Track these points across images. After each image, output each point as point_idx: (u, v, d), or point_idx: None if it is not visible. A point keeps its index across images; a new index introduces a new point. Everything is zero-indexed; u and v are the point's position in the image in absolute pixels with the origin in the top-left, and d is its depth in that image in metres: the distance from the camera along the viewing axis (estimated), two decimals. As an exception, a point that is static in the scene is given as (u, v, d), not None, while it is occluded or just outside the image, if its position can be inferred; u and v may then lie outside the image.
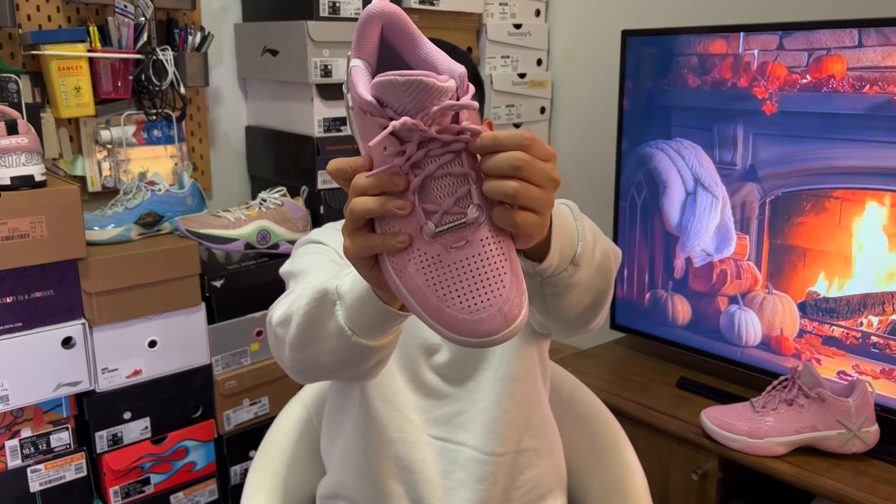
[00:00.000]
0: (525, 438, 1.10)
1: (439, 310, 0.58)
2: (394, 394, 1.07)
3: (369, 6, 0.61)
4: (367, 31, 0.61)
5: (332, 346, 0.77)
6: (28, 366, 1.38)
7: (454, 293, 0.58)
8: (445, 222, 0.58)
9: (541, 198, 0.58)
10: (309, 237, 1.12)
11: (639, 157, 1.80)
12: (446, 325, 0.58)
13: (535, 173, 0.58)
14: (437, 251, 0.59)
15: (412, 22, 0.62)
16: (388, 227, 0.60)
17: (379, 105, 0.57)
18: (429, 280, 0.59)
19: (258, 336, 1.66)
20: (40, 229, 1.34)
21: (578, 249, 0.77)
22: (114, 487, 1.52)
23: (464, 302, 0.58)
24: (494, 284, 0.58)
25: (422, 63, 0.62)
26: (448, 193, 0.59)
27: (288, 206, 1.70)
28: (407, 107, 0.57)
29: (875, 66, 1.40)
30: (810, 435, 1.42)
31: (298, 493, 1.25)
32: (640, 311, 1.86)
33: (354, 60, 0.61)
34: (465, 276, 0.58)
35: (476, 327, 0.57)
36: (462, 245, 0.58)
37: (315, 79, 1.69)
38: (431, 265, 0.59)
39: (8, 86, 1.46)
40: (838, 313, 1.52)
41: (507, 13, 2.09)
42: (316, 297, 0.77)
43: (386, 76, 0.56)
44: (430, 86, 0.55)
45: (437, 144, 0.58)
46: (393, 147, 0.58)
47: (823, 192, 1.51)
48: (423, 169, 0.58)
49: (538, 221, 0.59)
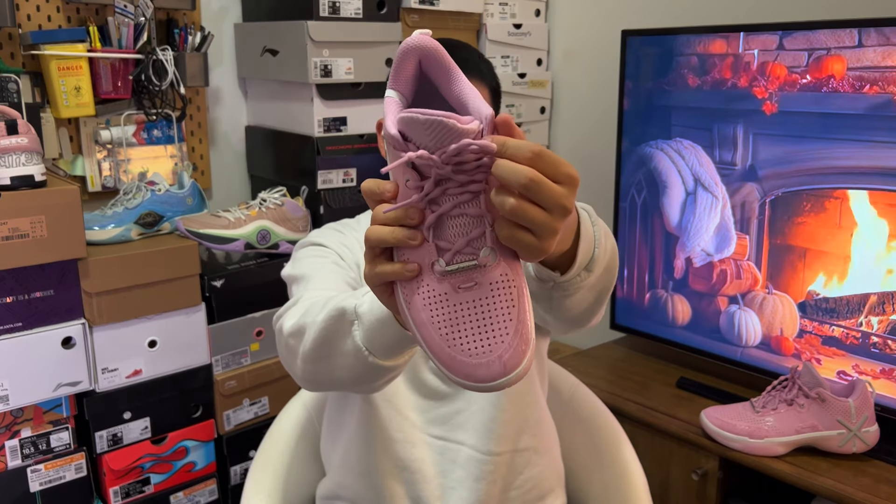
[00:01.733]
0: (523, 437, 1.10)
1: (441, 347, 0.58)
2: (394, 394, 1.07)
3: (409, 39, 0.61)
4: (404, 64, 0.62)
5: (348, 364, 0.78)
6: (28, 366, 1.38)
7: (456, 333, 0.58)
8: (456, 261, 0.58)
9: (543, 223, 0.55)
10: (309, 239, 1.12)
11: (639, 157, 1.80)
12: (445, 364, 0.58)
13: (542, 195, 0.54)
14: (445, 289, 0.59)
15: (450, 57, 0.62)
16: (403, 257, 0.61)
17: (402, 139, 0.58)
18: (434, 316, 0.59)
19: (258, 336, 1.66)
20: (40, 229, 1.34)
21: (593, 255, 0.77)
22: (114, 487, 1.52)
23: (465, 344, 0.57)
24: (497, 331, 0.57)
25: (454, 99, 0.62)
26: (462, 233, 0.58)
27: (288, 206, 1.70)
28: (427, 144, 0.57)
29: (875, 66, 1.40)
30: (810, 435, 1.42)
31: (298, 494, 1.25)
32: (640, 311, 1.86)
33: (389, 91, 0.63)
34: (469, 319, 0.58)
35: (473, 371, 0.57)
36: (470, 286, 0.58)
37: (315, 79, 1.69)
38: (438, 302, 0.59)
39: (8, 86, 1.46)
40: (838, 313, 1.52)
41: (507, 13, 2.09)
42: (333, 315, 0.78)
43: (408, 112, 0.56)
44: (450, 127, 0.55)
45: (455, 184, 0.58)
46: (414, 181, 0.59)
47: (823, 192, 1.51)
48: (440, 206, 0.58)
49: (535, 244, 0.56)
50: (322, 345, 0.80)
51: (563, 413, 1.34)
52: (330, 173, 1.77)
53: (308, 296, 0.91)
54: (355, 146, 1.79)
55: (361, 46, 1.75)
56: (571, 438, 1.33)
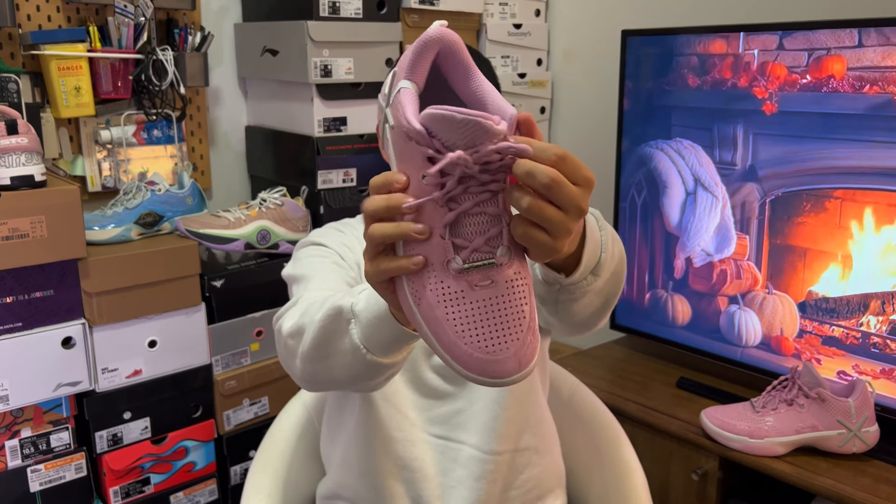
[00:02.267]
0: (524, 437, 1.10)
1: (455, 344, 0.58)
2: (394, 393, 1.07)
3: (431, 31, 0.59)
4: (425, 56, 0.60)
5: (346, 362, 0.78)
6: (28, 366, 1.38)
7: (473, 330, 0.58)
8: (473, 259, 0.58)
9: (559, 222, 0.56)
10: (310, 239, 1.12)
11: (639, 157, 1.80)
12: (459, 361, 0.58)
13: (562, 196, 0.55)
14: (461, 287, 0.58)
15: (468, 53, 0.61)
16: (411, 252, 0.59)
17: (427, 134, 0.57)
18: (448, 314, 0.58)
19: (258, 336, 1.66)
20: (40, 229, 1.34)
21: (600, 259, 0.76)
22: (114, 487, 1.52)
23: (482, 341, 0.57)
24: (513, 328, 0.58)
25: (471, 96, 0.61)
26: (480, 231, 0.58)
27: (288, 206, 1.70)
28: (457, 142, 0.56)
29: (875, 66, 1.40)
30: (810, 435, 1.42)
31: (298, 494, 1.25)
32: (640, 311, 1.86)
33: (405, 82, 0.60)
34: (487, 316, 0.58)
35: (490, 367, 0.57)
36: (487, 284, 0.58)
37: (315, 79, 1.69)
38: (453, 299, 0.58)
39: (8, 86, 1.46)
40: (838, 313, 1.52)
41: (507, 13, 2.09)
42: (330, 314, 0.77)
43: (442, 110, 0.55)
44: (487, 128, 0.54)
45: (476, 182, 0.57)
46: (433, 178, 0.57)
47: (823, 192, 1.51)
48: (459, 204, 0.58)
49: (549, 243, 0.57)
50: (320, 344, 0.80)
51: (563, 413, 1.34)
52: (330, 173, 1.77)
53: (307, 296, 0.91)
54: (355, 146, 1.79)
55: (361, 46, 1.75)
56: (571, 438, 1.33)
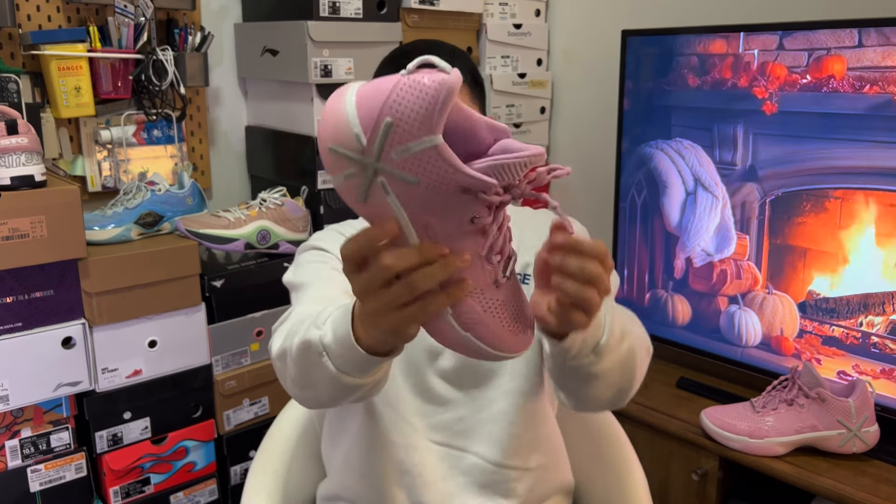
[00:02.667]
0: (533, 456, 1.09)
1: (501, 338, 0.64)
2: (396, 398, 1.06)
3: (451, 79, 0.54)
4: (447, 104, 0.54)
5: (329, 388, 0.79)
6: (28, 366, 1.37)
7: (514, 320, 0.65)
8: (507, 266, 0.65)
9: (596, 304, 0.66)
10: (311, 242, 1.11)
11: (639, 157, 1.80)
12: (502, 348, 0.64)
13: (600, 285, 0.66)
14: (505, 294, 0.65)
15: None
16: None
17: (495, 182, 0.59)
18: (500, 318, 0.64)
19: (258, 336, 1.66)
20: (40, 229, 1.34)
21: (602, 340, 0.79)
22: (114, 487, 1.52)
23: (517, 324, 0.66)
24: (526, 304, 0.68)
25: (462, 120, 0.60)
26: (506, 241, 0.65)
27: (288, 206, 1.70)
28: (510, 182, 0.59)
29: (875, 66, 1.40)
30: (810, 435, 1.42)
31: (298, 494, 1.25)
32: (640, 311, 1.85)
33: (438, 138, 0.55)
34: (518, 303, 0.67)
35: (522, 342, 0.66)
36: (511, 276, 0.66)
37: (315, 79, 1.69)
38: (503, 306, 0.65)
39: (8, 86, 1.46)
40: (838, 313, 1.52)
41: (507, 13, 2.09)
42: (301, 349, 0.79)
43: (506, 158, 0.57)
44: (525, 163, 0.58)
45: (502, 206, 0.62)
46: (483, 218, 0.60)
47: (823, 192, 1.51)
48: (500, 232, 0.63)
49: (585, 322, 0.68)
50: (301, 375, 0.81)
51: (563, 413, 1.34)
52: (330, 173, 1.76)
53: (299, 310, 0.91)
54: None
55: (361, 46, 1.75)
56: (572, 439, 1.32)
